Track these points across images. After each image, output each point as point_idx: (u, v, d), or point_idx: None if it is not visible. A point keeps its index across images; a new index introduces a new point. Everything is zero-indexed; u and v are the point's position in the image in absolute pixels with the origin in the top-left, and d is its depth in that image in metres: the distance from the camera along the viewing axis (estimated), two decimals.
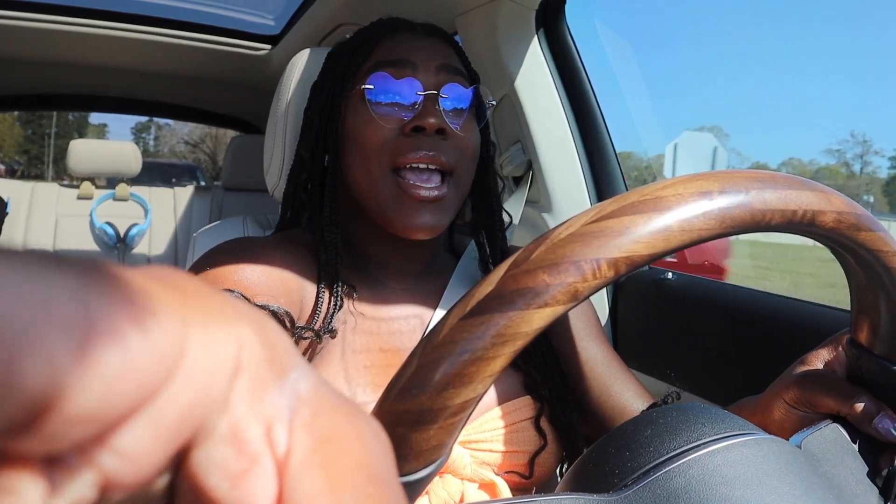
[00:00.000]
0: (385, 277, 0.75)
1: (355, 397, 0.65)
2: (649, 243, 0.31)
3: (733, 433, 0.36)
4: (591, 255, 0.30)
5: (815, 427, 0.42)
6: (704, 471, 0.33)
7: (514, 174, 1.31)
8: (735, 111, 16.29)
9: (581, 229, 0.31)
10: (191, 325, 0.13)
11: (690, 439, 0.35)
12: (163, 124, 23.76)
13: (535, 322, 0.30)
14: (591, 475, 0.36)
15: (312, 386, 0.15)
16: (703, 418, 0.37)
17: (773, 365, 0.88)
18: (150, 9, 1.80)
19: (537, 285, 0.30)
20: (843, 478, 0.40)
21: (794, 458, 0.36)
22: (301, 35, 1.70)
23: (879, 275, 0.39)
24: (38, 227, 2.22)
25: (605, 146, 1.25)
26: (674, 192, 0.32)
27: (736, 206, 0.32)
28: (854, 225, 0.36)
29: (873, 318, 0.42)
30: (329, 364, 0.66)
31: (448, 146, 0.68)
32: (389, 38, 0.72)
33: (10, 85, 2.31)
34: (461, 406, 0.30)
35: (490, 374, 0.30)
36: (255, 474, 0.14)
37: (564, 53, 1.24)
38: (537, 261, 0.30)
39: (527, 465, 0.69)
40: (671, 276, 1.10)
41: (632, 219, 0.31)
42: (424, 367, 0.30)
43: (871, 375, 0.44)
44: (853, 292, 0.43)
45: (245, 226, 1.07)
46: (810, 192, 0.35)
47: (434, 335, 0.31)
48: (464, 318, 0.30)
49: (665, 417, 0.37)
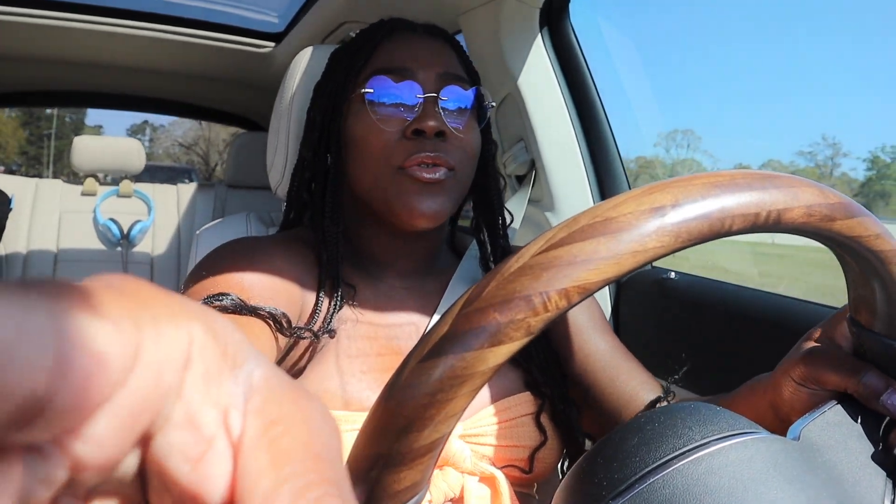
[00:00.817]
0: (388, 276, 0.75)
1: (351, 395, 0.65)
2: (600, 269, 0.30)
3: (721, 435, 0.35)
4: (540, 287, 0.29)
5: (818, 411, 0.42)
6: (688, 481, 0.33)
7: (517, 173, 1.31)
8: (712, 113, 16.35)
9: (530, 261, 0.30)
10: (143, 327, 0.15)
11: (676, 446, 0.35)
12: (157, 125, 24.31)
13: (491, 360, 0.29)
14: (581, 488, 0.36)
15: (265, 375, 0.17)
16: (690, 421, 0.36)
17: (776, 365, 0.88)
18: (154, 6, 1.80)
19: (489, 324, 0.29)
20: (845, 464, 0.39)
21: (783, 458, 0.35)
22: (305, 33, 1.70)
23: (866, 259, 0.38)
24: (41, 223, 2.22)
25: (609, 145, 1.25)
26: (624, 210, 0.31)
27: (692, 218, 0.31)
28: (827, 216, 0.35)
29: (868, 299, 0.41)
30: (325, 364, 0.66)
31: (449, 147, 0.69)
32: (389, 40, 0.73)
33: (14, 81, 2.32)
34: (427, 447, 0.30)
35: (452, 414, 0.30)
36: (212, 456, 0.15)
37: (568, 52, 1.24)
38: (488, 298, 0.30)
39: (527, 460, 0.70)
40: (673, 276, 1.10)
41: (581, 246, 0.30)
42: (389, 412, 0.31)
43: (875, 352, 0.44)
44: (846, 275, 0.43)
45: (248, 223, 1.07)
46: (775, 189, 0.33)
47: (397, 378, 0.31)
48: (421, 360, 0.30)
49: (652, 423, 0.37)
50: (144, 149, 2.49)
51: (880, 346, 0.43)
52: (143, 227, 2.28)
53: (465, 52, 0.79)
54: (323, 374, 0.66)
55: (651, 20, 27.34)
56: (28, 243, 2.19)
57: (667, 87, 30.55)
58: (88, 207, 2.29)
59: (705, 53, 12.48)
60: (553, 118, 1.23)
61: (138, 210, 2.34)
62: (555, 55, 1.24)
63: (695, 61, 7.69)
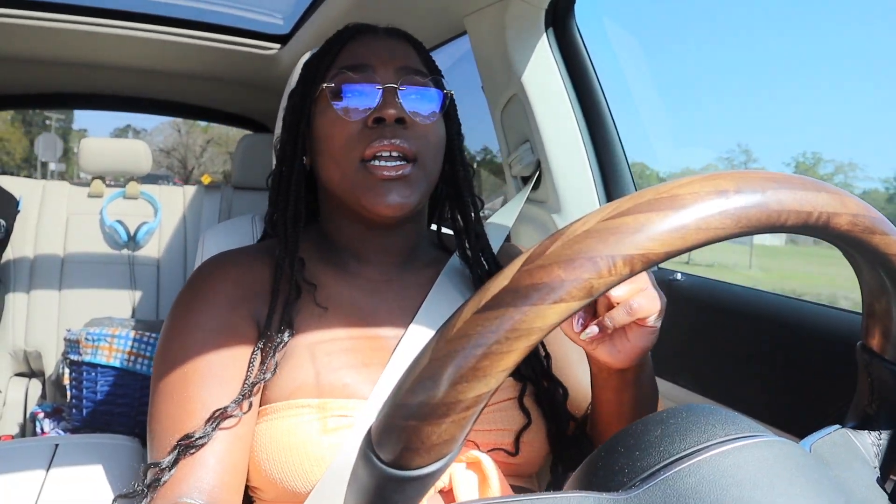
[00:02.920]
0: (366, 270, 0.78)
1: (324, 381, 0.68)
2: (666, 241, 0.30)
3: (743, 435, 0.35)
4: (606, 251, 0.30)
5: (824, 431, 0.42)
6: (715, 471, 0.33)
7: (523, 174, 1.31)
8: (643, 120, 16.89)
9: (597, 226, 0.31)
10: None
11: (700, 440, 0.35)
12: (139, 129, 25.08)
13: (550, 317, 0.30)
14: (601, 474, 0.36)
15: None
16: (713, 420, 0.36)
17: (782, 367, 0.88)
18: (159, 8, 1.81)
19: (552, 280, 0.29)
20: (852, 482, 0.39)
21: (804, 461, 0.35)
22: (310, 35, 1.71)
23: (893, 278, 0.38)
24: (48, 225, 2.23)
25: (615, 146, 1.24)
26: (690, 190, 0.31)
27: (752, 205, 0.32)
28: (868, 228, 0.36)
29: (885, 323, 0.42)
30: (298, 356, 0.69)
31: (409, 134, 0.72)
32: (352, 42, 0.77)
33: (20, 83, 2.33)
34: (474, 400, 0.30)
35: (503, 368, 0.30)
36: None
37: (574, 53, 1.24)
38: (553, 256, 0.30)
39: (512, 444, 0.71)
40: (680, 277, 1.09)
41: (648, 216, 0.30)
42: (437, 361, 0.30)
43: (882, 382, 0.44)
44: (865, 296, 0.43)
45: (254, 224, 1.07)
46: (826, 193, 0.34)
47: (447, 329, 0.31)
48: (478, 311, 0.30)
49: (675, 418, 0.37)
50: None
51: (890, 375, 0.43)
52: (149, 228, 2.29)
53: (426, 50, 0.82)
54: (296, 365, 0.68)
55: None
56: (36, 245, 2.20)
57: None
58: (95, 209, 2.30)
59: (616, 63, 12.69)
60: (559, 119, 1.23)
61: (145, 212, 2.35)
62: (560, 56, 1.24)
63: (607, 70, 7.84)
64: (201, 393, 0.64)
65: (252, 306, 0.71)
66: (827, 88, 22.56)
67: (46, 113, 22.19)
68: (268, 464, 0.65)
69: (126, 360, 1.81)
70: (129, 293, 2.26)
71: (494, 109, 1.34)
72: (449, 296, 0.77)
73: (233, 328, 0.69)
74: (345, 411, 0.66)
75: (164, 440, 0.62)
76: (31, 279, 2.17)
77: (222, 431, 0.62)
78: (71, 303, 2.18)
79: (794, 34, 25.81)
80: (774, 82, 26.59)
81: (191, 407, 0.63)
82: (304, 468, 0.64)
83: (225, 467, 0.62)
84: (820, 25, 24.92)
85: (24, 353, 2.15)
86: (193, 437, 0.61)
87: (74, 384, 1.83)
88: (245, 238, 1.01)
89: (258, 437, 0.66)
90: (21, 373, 2.20)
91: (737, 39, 33.52)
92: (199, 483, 0.60)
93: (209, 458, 0.61)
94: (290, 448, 0.64)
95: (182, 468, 0.60)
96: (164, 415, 0.64)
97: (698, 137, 31.11)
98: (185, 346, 0.67)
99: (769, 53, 30.26)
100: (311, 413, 0.65)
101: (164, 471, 0.60)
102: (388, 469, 0.32)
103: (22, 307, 2.14)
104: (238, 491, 0.64)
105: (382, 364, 0.70)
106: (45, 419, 1.95)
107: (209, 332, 0.68)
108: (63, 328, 2.09)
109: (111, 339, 1.81)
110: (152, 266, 2.30)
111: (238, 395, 0.64)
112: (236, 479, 0.64)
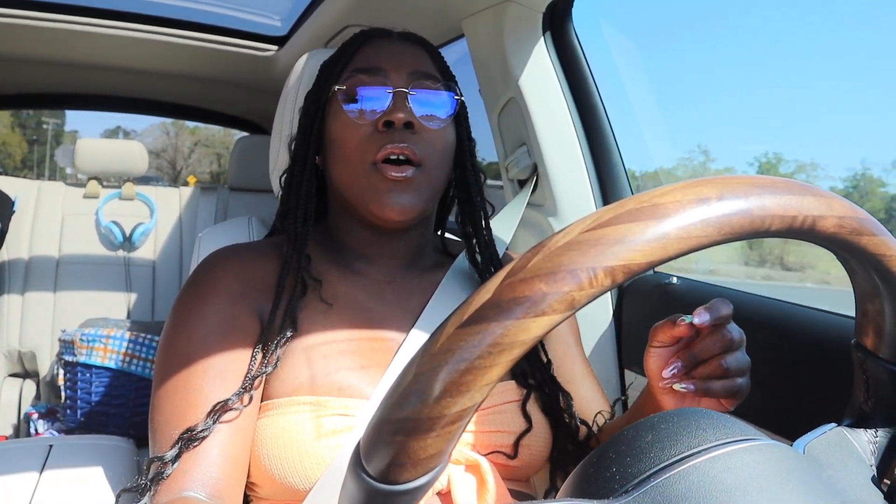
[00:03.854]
0: (371, 272, 0.79)
1: (319, 379, 0.68)
2: (646, 251, 0.31)
3: (735, 439, 0.35)
4: (587, 263, 0.30)
5: (819, 430, 0.42)
6: (705, 478, 0.33)
7: (519, 177, 1.31)
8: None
9: (578, 237, 0.31)
10: None
11: (691, 445, 0.35)
12: (129, 131, 25.37)
13: (533, 331, 0.30)
14: (592, 480, 0.36)
15: None
16: (704, 423, 0.36)
17: (778, 370, 0.88)
18: (157, 9, 1.80)
19: (534, 294, 0.30)
20: (847, 482, 0.39)
21: (796, 464, 0.35)
22: (308, 36, 1.71)
23: (884, 279, 0.39)
24: (44, 225, 2.22)
25: (611, 149, 1.25)
26: (671, 198, 0.32)
27: (735, 212, 0.32)
28: (856, 230, 0.36)
29: (878, 322, 0.42)
30: (294, 354, 0.69)
31: (417, 140, 0.73)
32: (366, 46, 0.78)
33: (18, 84, 2.32)
34: (458, 414, 0.31)
35: (487, 382, 0.30)
36: None
37: (571, 56, 1.24)
38: (534, 269, 0.30)
39: (511, 447, 0.71)
40: (675, 281, 1.10)
41: (629, 227, 0.31)
42: (422, 376, 0.31)
43: (877, 379, 0.44)
44: (857, 296, 0.43)
45: (251, 226, 1.07)
46: (811, 196, 0.34)
47: (432, 343, 0.31)
48: (461, 326, 0.30)
49: (666, 423, 0.37)
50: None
51: (884, 373, 0.43)
52: (145, 229, 2.28)
53: (441, 56, 0.82)
54: (297, 362, 0.69)
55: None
56: (31, 246, 2.19)
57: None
58: (90, 210, 2.29)
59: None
60: (556, 122, 1.23)
61: (141, 213, 2.34)
62: (558, 59, 1.24)
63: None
64: (204, 386, 0.65)
65: (255, 301, 0.72)
66: (788, 88, 22.86)
67: (42, 117, 22.31)
68: (268, 459, 0.66)
69: (121, 362, 1.80)
70: (125, 294, 2.25)
71: (491, 112, 1.34)
72: (454, 298, 0.77)
73: (235, 322, 0.70)
74: (345, 411, 0.66)
75: (166, 432, 0.63)
76: (25, 279, 2.16)
77: (224, 424, 0.63)
78: (66, 303, 2.17)
79: (754, 34, 26.11)
80: (739, 82, 26.93)
81: (193, 399, 0.64)
82: (303, 465, 0.64)
83: (227, 460, 0.63)
84: (780, 26, 25.23)
85: (18, 354, 2.14)
86: (196, 430, 0.62)
87: (69, 385, 1.83)
88: (241, 239, 1.01)
89: (259, 433, 0.67)
90: (15, 373, 2.19)
91: (702, 40, 33.85)
92: (201, 476, 0.61)
93: (212, 451, 0.62)
94: (290, 444, 0.65)
95: (185, 461, 0.61)
96: (167, 406, 0.65)
97: (666, 137, 31.69)
98: (189, 340, 0.68)
99: (733, 54, 30.58)
100: (310, 411, 0.66)
101: (167, 464, 0.61)
102: (377, 484, 0.32)
103: (17, 307, 2.13)
104: (240, 483, 0.65)
105: (383, 365, 0.70)
106: (40, 420, 1.94)
107: (212, 325, 0.69)
108: (58, 329, 2.08)
109: (106, 340, 1.80)
110: (148, 267, 2.30)
111: (239, 388, 0.65)
112: (238, 470, 0.65)
